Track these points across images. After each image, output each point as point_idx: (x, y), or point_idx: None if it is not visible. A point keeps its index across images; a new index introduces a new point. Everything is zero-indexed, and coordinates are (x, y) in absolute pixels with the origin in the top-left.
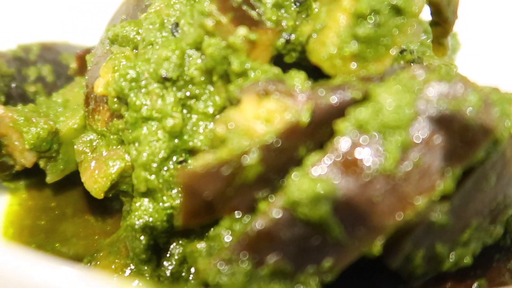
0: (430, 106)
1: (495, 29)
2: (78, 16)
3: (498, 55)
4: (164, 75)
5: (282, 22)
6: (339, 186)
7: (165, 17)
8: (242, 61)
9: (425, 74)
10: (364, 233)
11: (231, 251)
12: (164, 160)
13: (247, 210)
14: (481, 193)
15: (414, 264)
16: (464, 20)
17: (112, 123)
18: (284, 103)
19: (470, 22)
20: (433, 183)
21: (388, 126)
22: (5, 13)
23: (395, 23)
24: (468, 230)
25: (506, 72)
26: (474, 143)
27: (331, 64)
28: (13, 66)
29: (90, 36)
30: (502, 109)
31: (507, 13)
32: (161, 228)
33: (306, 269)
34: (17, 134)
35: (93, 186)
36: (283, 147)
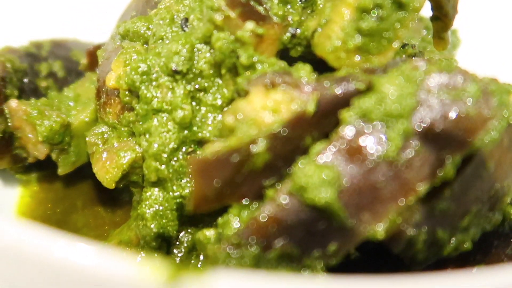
0: (431, 96)
1: (494, 25)
2: (87, 14)
3: (497, 51)
4: (174, 68)
5: (288, 17)
6: (344, 172)
7: (175, 12)
8: (250, 55)
9: (426, 65)
10: (367, 218)
11: (240, 236)
12: (174, 151)
13: (255, 197)
14: (480, 180)
15: (416, 249)
16: (465, 16)
17: (123, 115)
18: (290, 94)
19: (470, 18)
20: (434, 170)
21: (391, 115)
22: (17, 11)
23: (397, 17)
24: (468, 216)
25: (505, 67)
26: (473, 131)
27: (335, 57)
28: (26, 62)
29: (98, 33)
30: (500, 98)
31: (506, 9)
32: (170, 217)
33: (312, 253)
34: (30, 127)
35: (105, 177)
36: (289, 136)
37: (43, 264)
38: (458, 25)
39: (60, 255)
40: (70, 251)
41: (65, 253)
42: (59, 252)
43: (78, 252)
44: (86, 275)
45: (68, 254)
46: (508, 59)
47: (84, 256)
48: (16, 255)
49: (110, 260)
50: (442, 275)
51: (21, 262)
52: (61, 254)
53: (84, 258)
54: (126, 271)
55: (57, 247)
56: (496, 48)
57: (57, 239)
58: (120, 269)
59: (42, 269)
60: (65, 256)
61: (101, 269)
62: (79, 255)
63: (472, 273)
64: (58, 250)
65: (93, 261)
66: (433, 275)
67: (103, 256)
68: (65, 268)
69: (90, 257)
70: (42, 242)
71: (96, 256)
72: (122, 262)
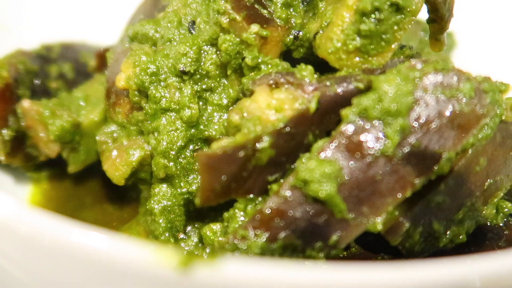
0: (427, 94)
1: (490, 27)
2: (94, 18)
3: (493, 52)
4: (181, 69)
5: (291, 20)
6: (344, 166)
7: (182, 15)
8: (255, 56)
9: (423, 66)
10: (367, 211)
11: (246, 228)
12: (182, 148)
13: (260, 192)
14: (473, 175)
15: (413, 240)
16: (462, 19)
17: (132, 115)
18: (293, 93)
19: (467, 21)
20: (430, 165)
21: (389, 112)
22: (28, 16)
23: (395, 20)
24: (462, 210)
25: (500, 67)
26: (467, 128)
27: (336, 58)
28: (37, 64)
29: (105, 36)
30: (493, 96)
31: (501, 13)
32: (178, 212)
33: (314, 244)
34: (42, 126)
35: (115, 174)
36: (293, 133)
37: (63, 250)
38: (455, 28)
39: (76, 240)
40: (87, 236)
41: (81, 239)
42: (75, 238)
43: (94, 238)
44: (101, 260)
45: (84, 239)
46: (502, 60)
47: (100, 241)
48: (35, 242)
49: (125, 246)
50: (437, 262)
51: (40, 249)
52: (78, 239)
53: (100, 243)
54: (140, 255)
55: (74, 233)
56: (492, 49)
57: (73, 227)
58: (135, 254)
59: (62, 255)
60: (82, 241)
61: (117, 254)
62: (96, 241)
63: (464, 260)
64: (74, 235)
65: (110, 246)
66: (427, 262)
67: (119, 242)
68: (81, 253)
69: (106, 243)
70: (60, 227)
71: (113, 241)
72: (137, 247)
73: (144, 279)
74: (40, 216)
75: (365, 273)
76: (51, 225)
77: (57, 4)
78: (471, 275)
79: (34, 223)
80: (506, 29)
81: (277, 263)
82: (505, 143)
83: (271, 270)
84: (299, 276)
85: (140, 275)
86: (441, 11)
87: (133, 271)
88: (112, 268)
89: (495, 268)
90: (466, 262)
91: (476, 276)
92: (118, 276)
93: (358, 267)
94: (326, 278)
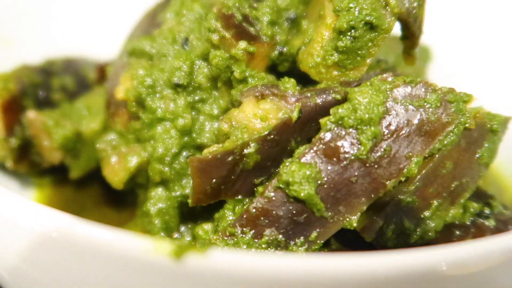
0: (397, 104)
1: (464, 43)
2: (94, 35)
3: (466, 65)
4: (176, 82)
5: (276, 37)
6: (323, 169)
7: (177, 33)
8: (243, 70)
9: (393, 79)
10: (343, 209)
11: (234, 226)
12: (176, 155)
13: (247, 194)
14: (440, 178)
15: (386, 237)
16: (438, 34)
17: (130, 124)
18: (277, 103)
19: (444, 37)
20: (400, 167)
21: (363, 121)
22: (33, 34)
23: (370, 37)
24: (430, 209)
25: (471, 79)
26: (434, 135)
27: (317, 72)
28: (40, 77)
29: (103, 51)
30: (457, 106)
31: (473, 30)
32: (172, 213)
33: (296, 240)
34: (46, 135)
35: (114, 178)
36: (276, 139)
37: (73, 242)
38: (432, 42)
39: (86, 233)
40: (95, 230)
41: (90, 232)
42: (83, 231)
43: (101, 232)
44: (107, 250)
45: (93, 232)
46: (474, 71)
47: (106, 234)
48: (46, 237)
49: (127, 238)
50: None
51: (51, 242)
52: (88, 233)
53: (106, 236)
54: (140, 246)
55: (82, 227)
56: (465, 61)
57: (81, 223)
58: (136, 245)
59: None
60: (91, 234)
61: (121, 244)
62: (102, 234)
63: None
64: (86, 229)
65: (114, 238)
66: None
67: (122, 235)
68: (90, 244)
69: (111, 235)
70: (70, 222)
71: (117, 234)
72: (137, 239)
73: (143, 266)
74: (54, 213)
75: (339, 258)
76: (63, 221)
77: (59, 21)
78: (438, 259)
79: (46, 221)
80: (477, 44)
81: (262, 253)
82: (470, 148)
83: (254, 257)
84: (280, 260)
85: (140, 262)
86: (412, 29)
87: (134, 259)
88: (115, 257)
89: (461, 253)
90: (434, 249)
91: (443, 260)
92: (121, 264)
93: (333, 255)
94: (304, 262)
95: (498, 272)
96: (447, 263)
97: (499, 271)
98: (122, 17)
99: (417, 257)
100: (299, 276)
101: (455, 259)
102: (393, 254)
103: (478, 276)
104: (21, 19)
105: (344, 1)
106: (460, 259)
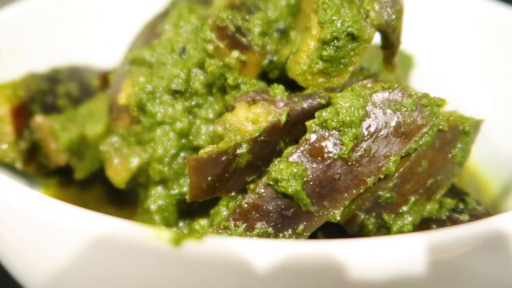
0: (376, 108)
1: (444, 51)
2: (96, 45)
3: (446, 72)
4: (174, 88)
5: (267, 46)
6: (308, 167)
7: (175, 43)
8: (236, 77)
9: (373, 85)
10: (327, 204)
11: (228, 220)
12: (174, 156)
13: (240, 191)
14: (416, 175)
15: (368, 230)
16: (421, 43)
17: (132, 127)
18: (267, 108)
19: (426, 45)
20: (379, 166)
21: (344, 123)
22: (39, 44)
23: (351, 47)
24: (408, 204)
25: (450, 85)
26: (410, 136)
27: (303, 78)
28: (47, 84)
29: (106, 60)
30: (431, 110)
31: (452, 39)
32: (171, 210)
33: (284, 232)
34: (53, 138)
35: (117, 178)
36: (266, 141)
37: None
38: (415, 50)
39: (96, 224)
40: (103, 220)
41: (99, 222)
42: (95, 222)
43: (110, 221)
44: (115, 237)
45: (102, 222)
46: (453, 78)
47: (115, 223)
48: (55, 227)
49: (132, 226)
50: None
51: (65, 233)
52: (97, 223)
53: (115, 225)
54: (144, 233)
55: (91, 217)
56: (445, 68)
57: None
58: (140, 232)
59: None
60: (100, 224)
61: (127, 232)
62: (112, 223)
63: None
64: (95, 220)
65: (121, 226)
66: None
67: (128, 224)
68: (100, 234)
69: (119, 224)
70: (79, 213)
71: (123, 223)
72: (141, 227)
73: (146, 251)
74: (70, 207)
75: (320, 244)
76: (76, 213)
77: (64, 33)
78: (417, 243)
79: (54, 211)
80: (456, 52)
81: (251, 239)
82: (443, 148)
83: (246, 241)
84: (269, 244)
85: (143, 248)
86: (391, 39)
87: (139, 245)
88: (124, 243)
89: (438, 237)
90: (412, 235)
91: (421, 245)
92: (129, 249)
93: (315, 241)
94: (292, 246)
95: (471, 258)
96: (422, 247)
97: (472, 257)
98: (123, 28)
99: (392, 241)
100: (285, 258)
101: (430, 244)
102: (375, 240)
103: (452, 263)
104: (29, 31)
105: (328, 14)
106: (434, 244)
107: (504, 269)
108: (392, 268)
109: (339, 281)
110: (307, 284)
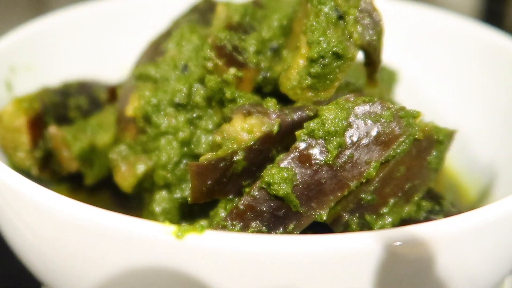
0: (358, 119)
1: (428, 66)
2: (105, 61)
3: (429, 87)
4: (177, 102)
5: (261, 64)
6: (297, 172)
7: (177, 60)
8: (233, 91)
9: (355, 98)
10: (315, 205)
11: (226, 220)
12: (177, 163)
13: (237, 194)
14: (395, 180)
15: (352, 229)
16: (406, 59)
17: (138, 137)
18: (261, 119)
19: (410, 61)
20: (361, 171)
21: (330, 133)
22: (52, 61)
23: (337, 65)
24: (387, 206)
25: (432, 98)
26: (388, 144)
27: (293, 93)
28: (59, 98)
29: (113, 75)
30: (407, 121)
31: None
32: (174, 212)
33: (276, 231)
34: (65, 147)
35: (124, 183)
36: (260, 149)
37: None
38: (400, 65)
39: (106, 220)
40: (113, 217)
41: (110, 218)
42: (100, 218)
43: (120, 217)
44: (123, 231)
45: (111, 218)
46: (434, 92)
47: (124, 219)
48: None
49: (140, 221)
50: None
51: (77, 227)
52: (102, 219)
53: (124, 221)
54: (150, 227)
55: (100, 214)
56: (427, 83)
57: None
58: (147, 226)
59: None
60: (110, 220)
61: (135, 226)
62: (121, 219)
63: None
64: (105, 217)
65: (130, 222)
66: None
67: (136, 219)
68: (110, 229)
69: (128, 220)
70: (87, 209)
71: (132, 219)
72: (149, 223)
73: (152, 242)
74: (82, 204)
75: (307, 238)
76: (86, 210)
77: (75, 50)
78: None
79: (68, 206)
80: (438, 67)
81: (251, 234)
82: (420, 155)
83: (243, 235)
84: (263, 238)
85: (149, 239)
86: (373, 57)
87: (146, 237)
88: (134, 236)
89: (415, 231)
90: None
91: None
92: (138, 241)
93: (303, 236)
94: (283, 240)
95: (444, 254)
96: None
97: (444, 252)
98: (129, 47)
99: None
100: (277, 250)
101: (404, 238)
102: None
103: (426, 259)
104: (42, 50)
105: (315, 35)
106: (410, 238)
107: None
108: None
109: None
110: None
